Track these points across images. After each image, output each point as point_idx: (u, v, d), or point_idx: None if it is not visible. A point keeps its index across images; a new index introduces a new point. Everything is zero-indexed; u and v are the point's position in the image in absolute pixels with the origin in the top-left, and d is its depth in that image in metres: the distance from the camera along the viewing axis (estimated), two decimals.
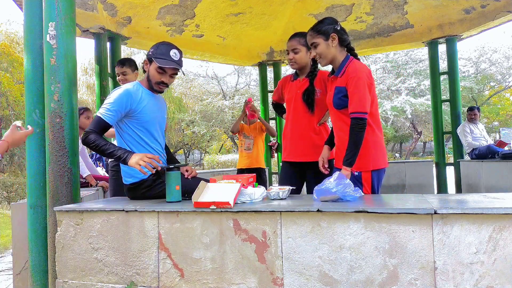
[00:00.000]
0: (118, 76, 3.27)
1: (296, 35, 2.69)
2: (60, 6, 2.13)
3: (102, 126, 2.13)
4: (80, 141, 3.91)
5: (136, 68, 3.33)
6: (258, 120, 4.74)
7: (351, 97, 2.11)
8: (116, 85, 4.43)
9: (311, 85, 2.66)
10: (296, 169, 2.74)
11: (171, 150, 2.46)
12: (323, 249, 1.60)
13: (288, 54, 2.72)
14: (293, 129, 2.75)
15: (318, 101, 2.65)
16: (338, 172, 1.92)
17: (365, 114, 2.08)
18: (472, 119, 5.70)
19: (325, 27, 2.21)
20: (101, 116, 2.11)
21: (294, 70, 2.82)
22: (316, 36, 2.22)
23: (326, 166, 2.41)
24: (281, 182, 2.76)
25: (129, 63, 3.29)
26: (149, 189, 2.23)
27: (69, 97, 2.16)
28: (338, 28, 2.21)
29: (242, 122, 4.70)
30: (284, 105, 3.02)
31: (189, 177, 2.34)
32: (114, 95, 2.16)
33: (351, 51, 2.27)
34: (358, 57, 2.26)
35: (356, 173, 2.19)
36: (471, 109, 5.85)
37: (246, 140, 4.57)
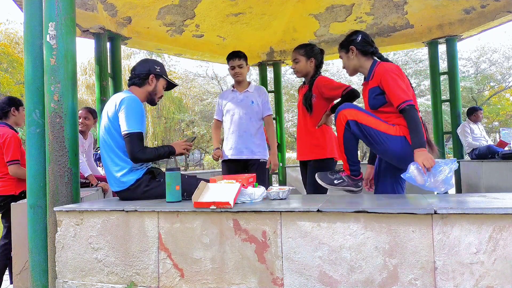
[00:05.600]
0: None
1: (297, 47, 3.03)
2: (60, 6, 2.13)
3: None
4: (87, 140, 3.92)
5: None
6: None
7: (390, 93, 2.12)
8: (115, 86, 4.44)
9: (309, 90, 2.95)
10: (302, 167, 3.11)
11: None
12: (323, 249, 1.60)
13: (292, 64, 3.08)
14: (298, 131, 3.11)
15: (315, 104, 2.93)
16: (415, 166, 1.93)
17: (411, 101, 2.07)
18: (476, 119, 5.71)
19: (345, 41, 2.38)
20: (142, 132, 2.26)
21: (303, 78, 3.15)
22: (340, 50, 2.41)
23: (371, 184, 2.50)
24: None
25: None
26: (145, 192, 2.26)
27: (69, 97, 2.16)
28: (358, 40, 2.31)
29: None
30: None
31: None
32: (137, 108, 2.26)
33: (380, 58, 2.33)
34: (389, 59, 2.32)
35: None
36: (476, 109, 5.84)
37: None
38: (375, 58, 2.33)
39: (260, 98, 3.25)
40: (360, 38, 2.32)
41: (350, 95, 2.80)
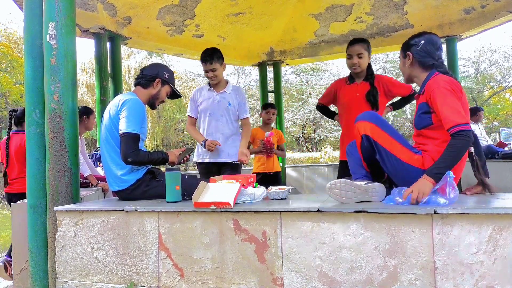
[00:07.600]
0: None
1: (360, 41, 2.83)
2: (60, 6, 2.13)
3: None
4: (80, 140, 3.93)
5: None
6: (275, 128, 4.80)
7: (438, 112, 1.76)
8: (116, 86, 4.44)
9: (373, 87, 2.83)
10: (343, 166, 2.92)
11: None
12: (323, 249, 1.60)
13: (350, 58, 2.84)
14: (346, 130, 2.93)
15: (379, 101, 2.87)
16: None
17: (467, 125, 1.68)
18: (478, 120, 5.73)
19: (405, 43, 2.03)
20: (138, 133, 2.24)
21: (348, 74, 2.98)
22: (401, 51, 2.07)
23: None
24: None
25: None
26: (145, 192, 2.25)
27: (69, 97, 2.16)
28: (418, 47, 1.93)
29: (260, 127, 4.59)
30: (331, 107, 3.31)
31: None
32: (139, 110, 2.27)
33: (444, 73, 1.92)
34: (451, 74, 1.91)
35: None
36: (478, 109, 5.86)
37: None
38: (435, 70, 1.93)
39: (237, 100, 3.10)
40: (421, 45, 1.92)
41: (412, 96, 2.87)
